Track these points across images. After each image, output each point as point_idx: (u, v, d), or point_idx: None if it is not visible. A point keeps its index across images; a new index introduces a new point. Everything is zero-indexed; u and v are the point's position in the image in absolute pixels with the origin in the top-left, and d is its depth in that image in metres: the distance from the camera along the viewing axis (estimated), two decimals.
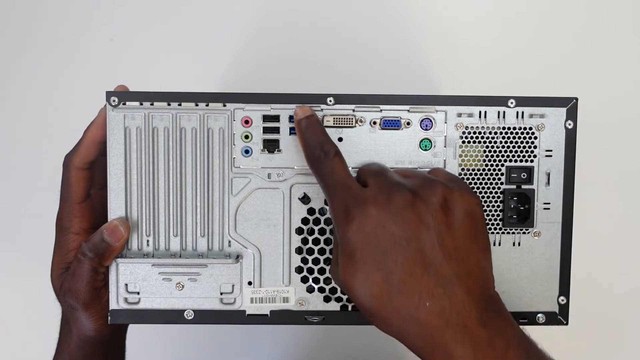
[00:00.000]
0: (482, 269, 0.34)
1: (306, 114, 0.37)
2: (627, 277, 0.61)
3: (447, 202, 0.33)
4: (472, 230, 0.34)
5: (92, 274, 0.38)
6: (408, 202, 0.32)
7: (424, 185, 0.34)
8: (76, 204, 0.39)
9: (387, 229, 0.32)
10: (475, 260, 0.33)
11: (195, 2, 0.58)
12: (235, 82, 0.58)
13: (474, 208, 0.34)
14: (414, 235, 0.32)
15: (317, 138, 0.36)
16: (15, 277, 0.60)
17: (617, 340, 0.62)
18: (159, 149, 0.39)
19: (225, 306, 0.39)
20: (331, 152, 0.35)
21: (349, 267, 0.32)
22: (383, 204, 0.32)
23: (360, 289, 0.32)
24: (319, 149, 0.36)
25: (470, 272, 0.33)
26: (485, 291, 0.34)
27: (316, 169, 0.36)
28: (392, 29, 0.58)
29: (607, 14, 0.58)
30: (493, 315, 0.33)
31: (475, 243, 0.34)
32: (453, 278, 0.32)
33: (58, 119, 0.58)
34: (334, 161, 0.35)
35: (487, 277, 0.34)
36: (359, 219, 0.32)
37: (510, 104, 0.39)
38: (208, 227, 0.39)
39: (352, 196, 0.33)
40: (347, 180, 0.34)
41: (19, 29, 0.58)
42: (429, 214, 0.33)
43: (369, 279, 0.32)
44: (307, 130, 0.37)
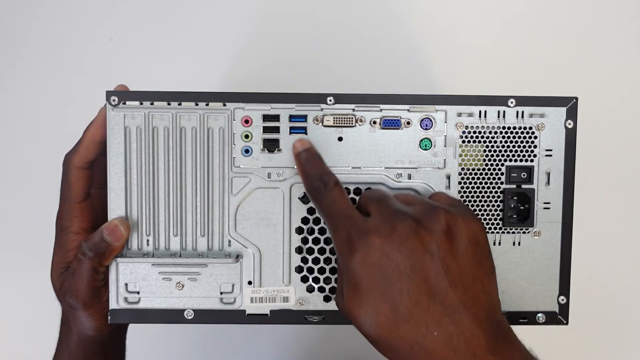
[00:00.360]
0: (488, 294, 0.33)
1: (305, 146, 0.38)
2: (627, 277, 0.61)
3: (451, 229, 0.33)
4: (477, 257, 0.33)
5: (92, 273, 0.38)
6: (412, 231, 0.32)
7: (427, 212, 0.33)
8: (76, 204, 0.39)
9: (391, 259, 0.32)
10: (480, 287, 0.33)
11: (195, 2, 0.58)
12: (235, 81, 0.58)
13: (477, 234, 0.34)
14: (419, 265, 0.32)
15: (316, 170, 0.37)
16: (15, 277, 0.60)
17: (617, 340, 0.62)
18: (159, 149, 0.39)
19: (225, 306, 0.39)
20: (331, 183, 0.35)
21: (354, 298, 0.32)
22: (386, 233, 0.32)
23: (366, 319, 0.32)
24: (318, 180, 0.36)
25: (476, 298, 0.33)
26: (493, 317, 0.33)
27: (316, 200, 0.36)
28: (392, 28, 0.58)
29: (607, 14, 0.58)
30: (501, 342, 0.32)
31: (480, 269, 0.34)
32: (460, 306, 0.32)
33: (58, 118, 0.58)
34: (334, 192, 0.35)
35: (493, 302, 0.34)
36: (362, 250, 0.32)
37: (510, 104, 0.39)
38: (208, 227, 0.39)
39: (355, 226, 0.33)
40: (348, 210, 0.34)
41: (19, 29, 0.58)
42: (433, 242, 0.32)
43: (374, 310, 0.32)
44: (306, 163, 0.37)
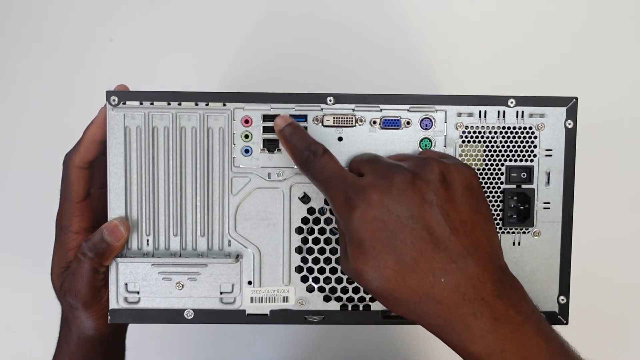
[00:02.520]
0: (489, 239, 0.34)
1: (287, 121, 0.38)
2: (627, 277, 0.61)
3: (446, 177, 0.33)
4: (473, 202, 0.34)
5: (92, 273, 0.38)
6: (408, 182, 0.32)
7: (420, 164, 0.34)
8: (76, 203, 0.39)
9: (392, 212, 0.32)
10: (480, 231, 0.33)
11: (195, 2, 0.58)
12: (235, 81, 0.58)
13: (471, 180, 0.34)
14: (420, 214, 0.32)
15: (303, 141, 0.37)
16: (15, 277, 0.60)
17: (617, 340, 0.62)
18: (159, 149, 0.39)
19: (225, 306, 0.39)
20: (319, 151, 0.36)
21: (360, 256, 0.32)
22: (384, 187, 0.32)
23: (374, 274, 0.32)
24: (306, 150, 0.36)
25: (478, 243, 0.33)
26: (497, 261, 0.33)
27: (308, 169, 0.36)
28: (392, 28, 0.58)
29: (607, 14, 0.58)
30: (508, 288, 0.33)
31: (478, 214, 0.34)
32: (463, 251, 0.32)
33: (58, 118, 0.58)
34: (324, 158, 0.35)
35: (495, 247, 0.34)
36: (362, 207, 0.32)
37: (510, 104, 0.39)
38: (208, 227, 0.39)
39: (351, 186, 0.33)
40: (341, 172, 0.35)
41: (19, 29, 0.58)
42: (431, 191, 0.33)
43: (380, 264, 0.32)
44: (291, 136, 0.37)
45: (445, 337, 0.32)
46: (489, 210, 0.35)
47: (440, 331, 0.32)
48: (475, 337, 0.31)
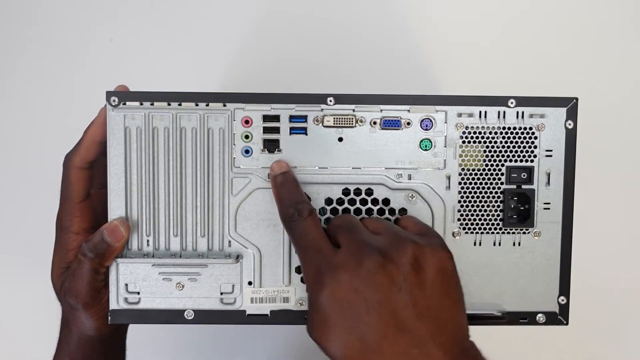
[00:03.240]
0: (456, 322, 0.34)
1: (282, 169, 0.38)
2: (627, 277, 0.61)
3: (418, 261, 0.33)
4: (444, 287, 0.34)
5: (93, 274, 0.38)
6: (379, 266, 0.33)
7: (394, 244, 0.34)
8: (76, 204, 0.39)
9: (359, 294, 0.32)
10: (448, 316, 0.33)
11: (195, 3, 0.58)
12: (235, 82, 0.58)
13: (445, 264, 0.34)
14: (386, 298, 0.32)
15: (291, 196, 0.37)
16: (15, 277, 0.60)
17: (617, 340, 0.62)
18: (159, 149, 0.39)
19: (226, 306, 0.39)
20: (305, 212, 0.35)
21: (323, 331, 0.33)
22: (354, 268, 0.33)
23: (336, 351, 0.32)
24: (292, 208, 0.36)
25: (443, 328, 0.33)
26: (461, 344, 0.33)
27: (289, 228, 0.36)
28: (392, 29, 0.58)
29: (607, 14, 0.58)
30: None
31: (448, 298, 0.34)
32: (427, 337, 0.32)
33: (58, 119, 0.58)
34: (307, 221, 0.35)
35: (461, 330, 0.34)
36: (331, 285, 0.32)
37: (511, 104, 0.39)
38: (208, 227, 0.39)
39: (324, 260, 0.33)
40: (319, 242, 0.35)
41: (19, 29, 0.58)
42: (400, 276, 0.33)
43: (343, 343, 0.32)
44: (281, 187, 0.37)
45: None
46: (460, 292, 0.35)
47: None
48: None
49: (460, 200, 0.39)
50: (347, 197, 0.39)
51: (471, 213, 0.40)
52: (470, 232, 0.40)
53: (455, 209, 0.39)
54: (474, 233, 0.40)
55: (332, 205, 0.39)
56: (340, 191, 0.39)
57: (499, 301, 0.40)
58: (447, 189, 0.39)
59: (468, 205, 0.39)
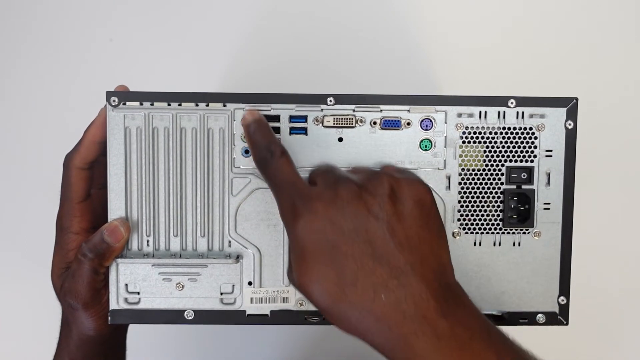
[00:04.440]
0: (437, 256, 0.33)
1: (254, 117, 0.37)
2: (627, 277, 0.61)
3: (395, 192, 0.33)
4: (423, 218, 0.33)
5: (92, 274, 0.38)
6: (354, 195, 0.32)
7: (371, 177, 0.33)
8: (76, 204, 0.39)
9: (335, 224, 0.31)
10: (428, 248, 0.32)
11: (195, 2, 0.58)
12: (235, 82, 0.58)
13: (422, 196, 0.33)
14: (363, 227, 0.31)
15: (264, 139, 0.36)
16: (15, 277, 0.60)
17: (617, 340, 0.62)
18: (159, 149, 0.39)
19: (226, 306, 0.39)
20: (277, 152, 0.35)
21: (301, 266, 0.32)
22: (329, 199, 0.32)
23: (315, 286, 0.31)
24: (265, 150, 0.35)
25: (424, 260, 0.32)
26: (442, 279, 0.32)
27: (263, 169, 0.35)
28: (392, 29, 0.58)
29: (607, 14, 0.58)
30: (453, 305, 0.31)
31: (427, 230, 0.33)
32: (407, 267, 0.31)
33: (58, 119, 0.58)
34: (281, 161, 0.35)
35: (443, 264, 0.33)
36: (306, 216, 0.32)
37: (511, 104, 0.39)
38: (208, 227, 0.39)
39: (299, 194, 0.33)
40: (293, 178, 0.34)
41: (19, 29, 0.58)
42: (377, 205, 0.32)
43: (321, 276, 0.31)
44: (255, 133, 0.37)
45: (389, 355, 0.31)
46: (440, 226, 0.34)
47: (383, 350, 0.31)
48: (417, 357, 0.30)
49: (460, 201, 0.39)
50: None
51: (471, 213, 0.40)
52: (470, 232, 0.40)
53: (455, 209, 0.39)
54: (474, 233, 0.40)
55: None
56: None
57: (499, 301, 0.40)
58: (447, 189, 0.39)
59: (468, 205, 0.39)
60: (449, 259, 0.34)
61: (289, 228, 0.33)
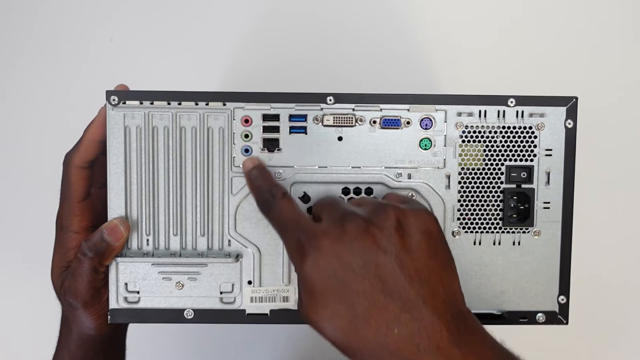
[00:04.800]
0: (447, 287, 0.33)
1: (255, 164, 0.38)
2: (627, 277, 0.61)
3: (401, 224, 0.33)
4: (431, 249, 0.33)
5: (92, 273, 0.38)
6: (362, 230, 0.32)
7: (376, 210, 0.33)
8: (76, 203, 0.39)
9: (343, 260, 0.31)
10: (438, 279, 0.32)
11: (195, 2, 0.58)
12: (235, 81, 0.58)
13: (429, 226, 0.33)
14: (372, 262, 0.31)
15: (266, 184, 0.37)
16: (15, 277, 0.60)
17: (617, 340, 0.62)
18: (159, 148, 0.39)
19: (225, 305, 0.39)
20: (279, 194, 0.35)
21: (311, 304, 0.32)
22: (336, 235, 0.32)
23: (327, 324, 0.31)
24: (267, 193, 0.36)
25: (434, 291, 0.32)
26: (454, 309, 0.32)
27: (266, 212, 0.36)
28: (392, 28, 0.58)
29: (606, 14, 0.58)
30: (465, 334, 0.32)
31: (436, 261, 0.33)
32: (418, 300, 0.31)
33: (58, 118, 0.58)
34: (283, 202, 0.35)
35: (454, 294, 0.33)
36: (313, 254, 0.32)
37: (510, 103, 0.39)
38: (208, 227, 0.39)
39: (304, 232, 0.33)
40: (297, 216, 0.34)
41: (19, 29, 0.58)
42: (385, 239, 0.32)
43: (332, 314, 0.31)
44: (256, 179, 0.37)
45: None
46: (449, 255, 0.34)
47: None
48: None
49: (460, 200, 0.39)
50: (347, 196, 0.39)
51: (471, 212, 0.40)
52: (470, 231, 0.40)
53: (455, 208, 0.39)
54: (473, 232, 0.40)
55: None
56: (340, 190, 0.39)
57: (498, 301, 0.40)
58: (447, 188, 0.39)
59: (468, 204, 0.39)
60: (459, 287, 0.34)
61: (297, 266, 0.33)
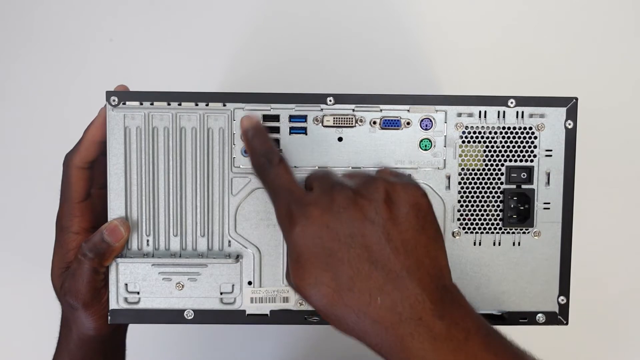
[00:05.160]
0: (433, 259, 0.33)
1: (252, 123, 0.38)
2: (627, 277, 0.61)
3: (390, 197, 0.33)
4: (419, 222, 0.33)
5: (92, 274, 0.38)
6: (350, 200, 0.32)
7: (366, 182, 0.34)
8: (76, 204, 0.39)
9: (331, 229, 0.32)
10: (424, 251, 0.33)
11: (195, 3, 0.58)
12: (235, 82, 0.58)
13: (418, 199, 0.33)
14: (359, 232, 0.32)
15: (262, 146, 0.37)
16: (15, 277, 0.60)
17: (617, 340, 0.62)
18: (159, 149, 0.39)
19: (225, 306, 0.39)
20: (275, 160, 0.36)
21: (298, 270, 0.32)
22: (325, 204, 0.32)
23: (311, 290, 0.32)
24: (263, 157, 0.36)
25: (420, 263, 0.32)
26: (439, 281, 0.33)
27: (261, 176, 0.36)
28: (392, 29, 0.58)
29: (607, 14, 0.58)
30: (449, 306, 0.32)
31: (424, 234, 0.33)
32: (402, 271, 0.32)
33: (58, 119, 0.58)
34: (278, 168, 0.35)
35: (440, 267, 0.33)
36: (302, 222, 0.32)
37: (510, 104, 0.39)
38: (208, 227, 0.39)
39: (295, 200, 0.33)
40: (290, 185, 0.35)
41: (19, 29, 0.58)
42: (373, 210, 0.32)
43: (317, 280, 0.32)
44: (253, 139, 0.37)
45: (386, 357, 0.32)
46: (437, 229, 0.34)
47: (380, 351, 0.32)
48: (414, 358, 0.31)
49: (460, 200, 0.39)
50: None
51: (471, 213, 0.40)
52: (470, 232, 0.40)
53: (455, 209, 0.39)
54: (473, 233, 0.40)
55: None
56: None
57: (498, 301, 0.40)
58: (447, 188, 0.39)
59: (468, 205, 0.39)
60: (446, 262, 0.34)
61: (286, 233, 0.33)
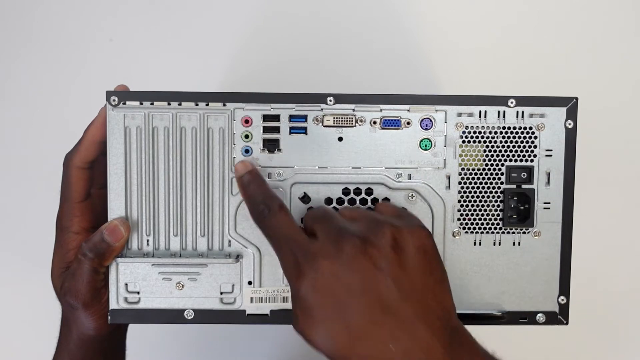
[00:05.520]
0: (441, 302, 0.33)
1: (247, 169, 0.37)
2: (627, 277, 0.61)
3: (397, 242, 0.33)
4: (426, 265, 0.33)
5: (92, 274, 0.38)
6: (358, 250, 0.32)
7: (372, 228, 0.33)
8: (76, 203, 0.39)
9: (341, 280, 0.32)
10: (432, 295, 0.33)
11: (195, 3, 0.58)
12: (235, 81, 0.58)
13: (424, 242, 0.34)
14: (369, 282, 0.32)
15: (260, 193, 0.36)
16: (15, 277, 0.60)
17: (617, 340, 0.62)
18: (159, 149, 0.39)
19: (225, 306, 0.39)
20: (275, 207, 0.35)
21: (308, 323, 0.32)
22: (333, 255, 0.32)
23: (323, 340, 0.32)
24: (262, 204, 0.35)
25: (429, 308, 0.32)
26: (447, 323, 0.33)
27: (261, 224, 0.35)
28: (392, 29, 0.58)
29: (607, 14, 0.58)
30: (459, 349, 0.32)
31: (431, 277, 0.33)
32: (413, 317, 0.32)
33: (58, 118, 0.58)
34: (278, 215, 0.35)
35: (447, 309, 0.34)
36: (310, 275, 0.32)
37: (511, 104, 0.39)
38: (208, 227, 0.39)
39: (301, 250, 0.33)
40: (293, 233, 0.34)
41: (19, 29, 0.58)
42: (381, 258, 0.32)
43: (329, 332, 0.31)
44: (249, 186, 0.37)
45: None
46: (443, 271, 0.35)
47: None
48: None
49: (460, 200, 0.39)
50: (347, 196, 0.39)
51: (471, 213, 0.40)
52: (470, 231, 0.40)
53: (455, 209, 0.39)
54: (473, 233, 0.40)
55: (332, 205, 0.39)
56: (340, 191, 0.39)
57: (498, 301, 0.40)
58: (447, 188, 0.39)
59: (468, 205, 0.39)
60: (452, 302, 0.34)
61: (293, 284, 0.33)
